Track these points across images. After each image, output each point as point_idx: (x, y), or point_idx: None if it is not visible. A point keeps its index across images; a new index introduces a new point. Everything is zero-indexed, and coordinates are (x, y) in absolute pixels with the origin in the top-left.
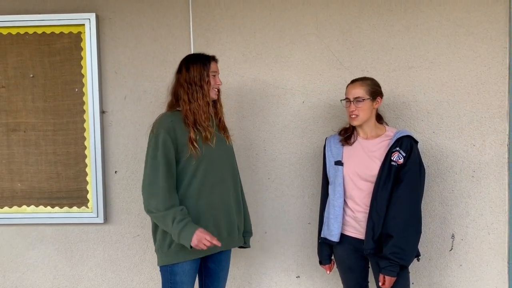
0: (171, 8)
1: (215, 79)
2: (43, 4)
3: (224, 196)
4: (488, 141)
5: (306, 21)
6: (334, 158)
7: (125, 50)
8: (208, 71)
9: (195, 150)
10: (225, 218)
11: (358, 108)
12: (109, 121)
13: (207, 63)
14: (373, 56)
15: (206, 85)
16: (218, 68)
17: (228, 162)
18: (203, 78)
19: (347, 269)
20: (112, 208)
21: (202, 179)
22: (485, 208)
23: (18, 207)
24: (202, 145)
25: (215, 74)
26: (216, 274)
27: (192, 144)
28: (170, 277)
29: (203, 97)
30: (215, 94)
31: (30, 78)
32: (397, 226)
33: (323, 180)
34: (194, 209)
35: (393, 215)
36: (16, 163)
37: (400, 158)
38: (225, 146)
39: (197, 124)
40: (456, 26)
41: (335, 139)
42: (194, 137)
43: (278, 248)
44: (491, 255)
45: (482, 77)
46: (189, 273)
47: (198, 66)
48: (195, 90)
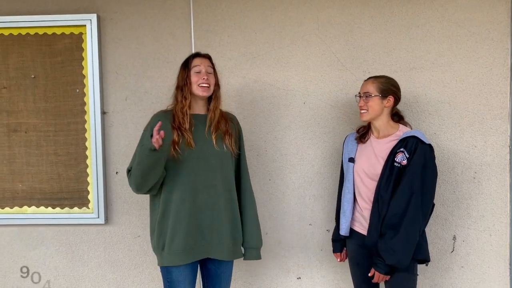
0: (172, 9)
1: (198, 75)
2: (45, 5)
3: (212, 202)
4: (490, 142)
5: (307, 22)
6: (348, 154)
7: (126, 51)
8: (189, 70)
9: (176, 153)
10: (213, 225)
11: (366, 104)
12: (110, 121)
13: (189, 61)
14: (374, 57)
15: (186, 86)
16: (206, 63)
17: (217, 167)
18: (184, 78)
19: (355, 264)
20: (113, 209)
21: (185, 184)
22: (486, 210)
23: (19, 207)
24: (184, 148)
25: (200, 69)
26: (217, 277)
27: (173, 147)
28: (167, 275)
29: (182, 98)
30: (202, 91)
31: (32, 78)
32: (390, 226)
33: (340, 176)
34: (177, 213)
35: (388, 216)
36: (17, 163)
37: (404, 159)
38: (212, 150)
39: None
40: (457, 27)
41: (353, 137)
42: (177, 140)
43: (279, 250)
44: (493, 257)
45: (484, 78)
46: (184, 272)
47: (181, 69)
48: (179, 92)
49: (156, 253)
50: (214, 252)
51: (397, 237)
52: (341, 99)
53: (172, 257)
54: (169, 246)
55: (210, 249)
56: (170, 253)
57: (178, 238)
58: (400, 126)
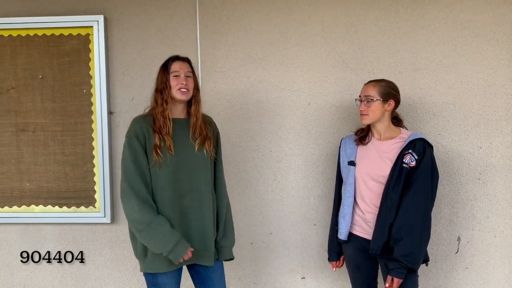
0: (178, 10)
1: (177, 79)
2: (52, 7)
3: (196, 206)
4: (495, 143)
5: (312, 23)
6: (347, 158)
7: (133, 52)
8: (168, 74)
9: (158, 158)
10: (199, 231)
11: (367, 107)
12: (117, 122)
13: (167, 65)
14: (379, 58)
15: (166, 89)
16: (185, 67)
17: (199, 171)
18: (163, 81)
19: (355, 268)
20: (119, 208)
21: (169, 189)
22: (491, 211)
23: (27, 206)
24: (166, 152)
25: (178, 74)
26: (208, 278)
27: (155, 151)
28: (152, 279)
29: (163, 102)
30: (181, 95)
31: (39, 79)
32: (407, 230)
33: (337, 180)
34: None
35: (404, 218)
36: (25, 163)
37: (412, 161)
38: (194, 154)
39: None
40: (462, 28)
41: (350, 140)
42: (158, 144)
43: (283, 249)
44: (497, 258)
45: (489, 79)
46: (170, 275)
47: (160, 71)
48: (158, 95)
49: (140, 259)
50: (201, 259)
51: (416, 240)
52: (346, 100)
53: (158, 263)
54: (153, 253)
55: (196, 255)
56: (155, 259)
57: None
58: (402, 129)
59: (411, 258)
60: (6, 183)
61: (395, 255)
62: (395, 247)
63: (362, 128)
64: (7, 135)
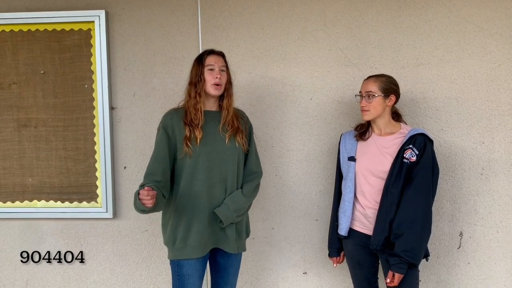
0: (180, 5)
1: (212, 73)
2: (54, 2)
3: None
4: (498, 138)
5: (314, 18)
6: (347, 154)
7: (134, 47)
8: (203, 67)
9: (188, 149)
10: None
11: (369, 103)
12: (118, 117)
13: (202, 59)
14: (381, 53)
15: (200, 83)
16: (220, 61)
17: (228, 162)
18: (198, 74)
19: (356, 263)
20: (121, 203)
21: (200, 179)
22: (493, 206)
23: (29, 201)
24: (195, 144)
25: (213, 67)
26: (225, 270)
27: (185, 143)
28: (177, 269)
29: (196, 95)
30: (215, 90)
31: (41, 74)
32: (408, 225)
33: (336, 176)
34: (194, 208)
35: (405, 214)
36: (27, 158)
37: (413, 156)
38: (224, 146)
39: (192, 122)
40: (465, 23)
41: (350, 135)
42: (188, 136)
43: (285, 244)
44: (500, 253)
45: (492, 74)
46: (195, 266)
47: (195, 64)
48: (192, 88)
49: (168, 246)
50: (222, 243)
51: (417, 235)
52: (348, 95)
53: (187, 250)
54: (184, 240)
55: (218, 240)
56: (184, 247)
57: (194, 232)
58: (402, 124)
59: (412, 253)
60: (9, 178)
61: (396, 250)
62: (396, 242)
63: (362, 123)
64: (9, 131)
